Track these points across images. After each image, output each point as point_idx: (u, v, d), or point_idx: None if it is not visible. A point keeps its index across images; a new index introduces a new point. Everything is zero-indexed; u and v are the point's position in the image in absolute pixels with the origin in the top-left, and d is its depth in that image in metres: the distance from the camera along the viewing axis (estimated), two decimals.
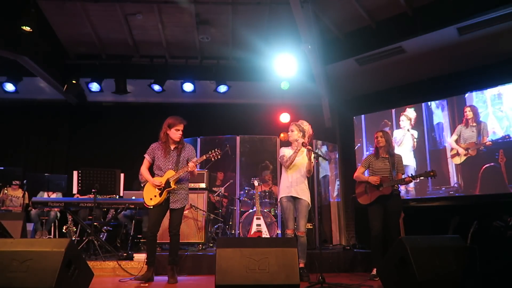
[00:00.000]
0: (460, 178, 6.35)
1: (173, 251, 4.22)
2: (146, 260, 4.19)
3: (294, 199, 4.35)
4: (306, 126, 4.48)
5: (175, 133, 4.19)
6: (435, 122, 6.72)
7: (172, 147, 4.26)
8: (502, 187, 5.87)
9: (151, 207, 4.17)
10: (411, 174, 4.41)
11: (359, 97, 7.62)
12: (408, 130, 6.98)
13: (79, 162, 7.47)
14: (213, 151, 4.24)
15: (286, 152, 4.42)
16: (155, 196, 4.15)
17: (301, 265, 4.21)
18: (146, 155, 4.29)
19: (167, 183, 4.14)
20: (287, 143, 4.60)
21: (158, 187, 4.14)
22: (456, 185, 6.36)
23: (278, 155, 4.58)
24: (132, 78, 7.53)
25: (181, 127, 4.20)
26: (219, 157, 4.26)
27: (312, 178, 4.54)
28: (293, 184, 4.34)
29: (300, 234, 4.29)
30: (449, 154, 6.47)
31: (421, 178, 4.51)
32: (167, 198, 4.17)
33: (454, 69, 6.48)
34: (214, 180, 7.02)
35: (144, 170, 4.26)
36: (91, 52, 7.53)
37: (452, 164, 6.44)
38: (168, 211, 4.22)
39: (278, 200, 4.49)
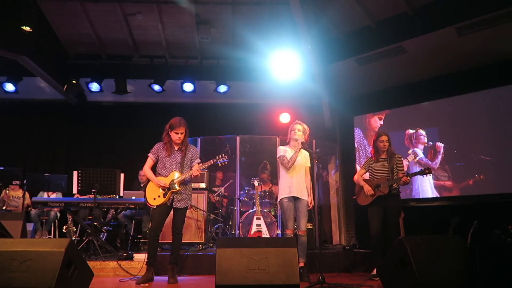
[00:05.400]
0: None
1: (175, 251, 4.24)
2: (146, 260, 4.19)
3: (295, 199, 4.35)
4: (306, 126, 4.50)
5: (175, 136, 4.20)
6: None
7: (176, 147, 4.27)
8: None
9: (154, 207, 4.18)
10: (407, 173, 4.43)
11: (359, 97, 7.62)
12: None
13: (79, 162, 7.49)
14: (220, 156, 4.24)
15: (287, 153, 4.41)
16: (159, 196, 4.16)
17: (301, 264, 4.21)
18: (150, 154, 4.29)
19: (172, 184, 4.15)
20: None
21: (163, 188, 4.15)
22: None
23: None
24: (132, 78, 7.52)
25: (181, 130, 4.19)
26: (226, 163, 4.27)
27: (312, 178, 4.54)
28: (293, 185, 4.34)
29: (301, 233, 4.30)
30: None
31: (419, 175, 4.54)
32: (171, 198, 4.18)
33: (454, 69, 6.48)
34: (214, 180, 7.02)
35: (147, 169, 4.27)
36: (91, 52, 7.52)
37: None
38: (172, 211, 4.23)
39: (278, 200, 4.48)
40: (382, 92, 7.30)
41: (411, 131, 6.97)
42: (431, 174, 4.51)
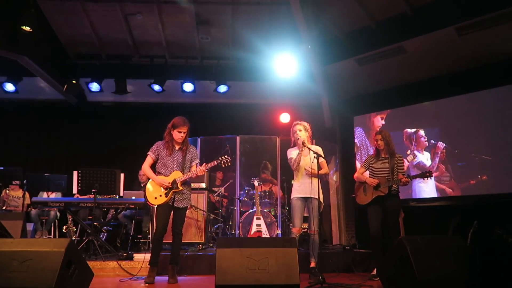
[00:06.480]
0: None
1: (175, 251, 4.24)
2: (150, 260, 4.17)
3: (306, 199, 4.37)
4: (306, 124, 4.49)
5: (177, 135, 4.20)
6: None
7: (177, 147, 4.27)
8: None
9: (155, 206, 4.18)
10: (408, 175, 4.44)
11: (359, 97, 7.61)
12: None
13: (79, 162, 7.48)
14: (223, 157, 4.25)
15: (292, 154, 4.44)
16: (160, 195, 4.15)
17: (312, 264, 4.23)
18: (150, 153, 4.28)
19: (174, 184, 4.15)
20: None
21: (166, 187, 4.15)
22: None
23: (278, 155, 4.58)
24: (132, 78, 7.52)
25: (183, 129, 4.20)
26: (229, 164, 4.29)
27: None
28: (302, 185, 4.36)
29: (311, 233, 4.33)
30: None
31: (419, 178, 4.53)
32: (172, 198, 4.18)
33: (454, 69, 6.48)
34: (214, 180, 7.02)
35: (146, 167, 4.26)
36: (91, 52, 7.52)
37: None
38: (172, 210, 4.23)
39: (291, 199, 4.50)
40: (382, 92, 7.30)
41: (409, 130, 6.97)
42: (432, 177, 4.50)
